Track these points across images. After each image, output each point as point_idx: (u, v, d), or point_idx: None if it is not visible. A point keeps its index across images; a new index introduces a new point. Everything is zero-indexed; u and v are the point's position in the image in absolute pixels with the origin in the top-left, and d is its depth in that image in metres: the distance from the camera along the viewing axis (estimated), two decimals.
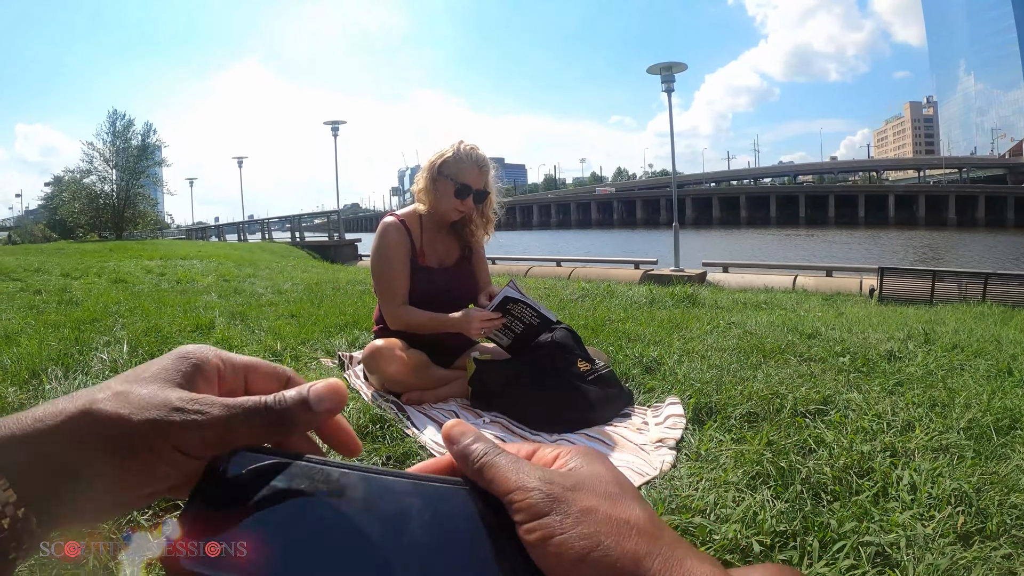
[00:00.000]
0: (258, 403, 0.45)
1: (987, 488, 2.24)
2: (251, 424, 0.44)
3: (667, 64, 20.90)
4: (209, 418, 0.43)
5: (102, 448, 0.42)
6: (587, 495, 0.43)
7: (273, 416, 0.45)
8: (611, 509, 0.42)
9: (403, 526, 0.42)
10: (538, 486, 0.43)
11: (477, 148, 3.25)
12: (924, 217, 72.42)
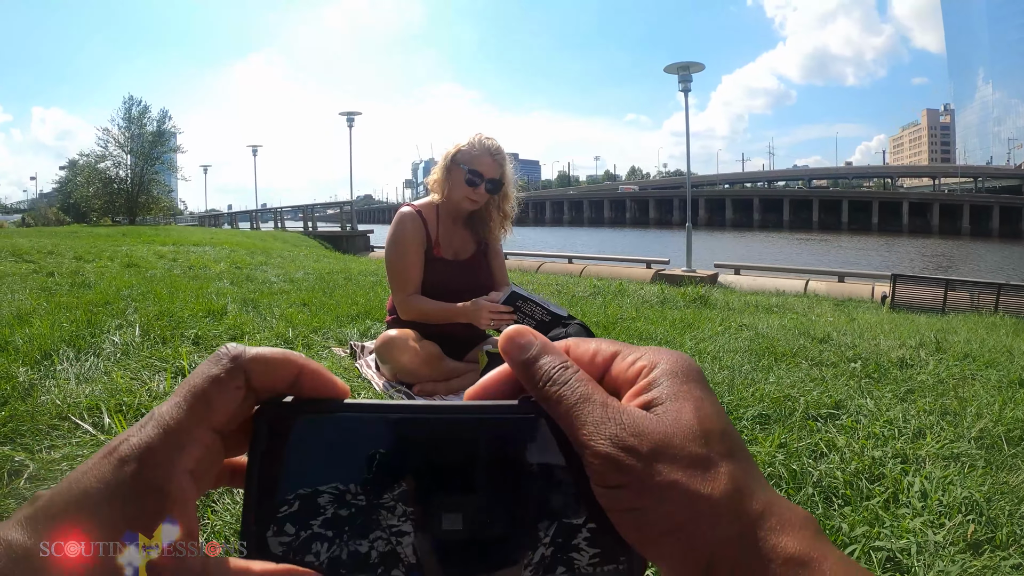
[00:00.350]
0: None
1: (997, 498, 2.23)
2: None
3: (684, 64, 20.87)
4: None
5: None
6: (667, 465, 0.36)
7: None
8: (693, 482, 0.36)
9: (475, 468, 0.40)
10: (609, 451, 0.37)
11: (495, 140, 3.25)
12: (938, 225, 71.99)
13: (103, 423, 2.40)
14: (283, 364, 0.40)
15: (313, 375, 0.41)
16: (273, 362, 0.40)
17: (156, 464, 0.36)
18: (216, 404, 0.38)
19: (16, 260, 8.82)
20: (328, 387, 0.42)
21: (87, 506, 0.35)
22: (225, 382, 0.39)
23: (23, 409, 2.48)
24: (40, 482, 1.98)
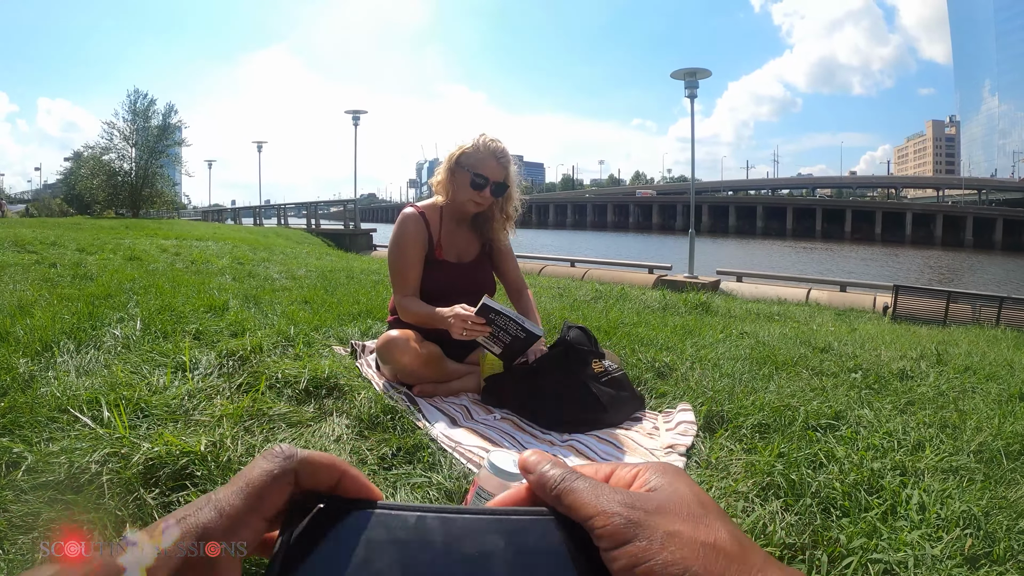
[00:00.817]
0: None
1: (996, 512, 2.22)
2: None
3: (691, 70, 20.83)
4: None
5: None
6: (670, 518, 0.42)
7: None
8: (695, 532, 0.41)
9: (487, 566, 0.42)
10: (619, 511, 0.42)
11: (499, 142, 3.24)
12: (941, 237, 71.83)
13: (102, 416, 2.39)
14: (328, 469, 0.46)
15: (353, 480, 0.47)
16: (320, 466, 0.46)
17: (214, 540, 0.41)
18: (268, 498, 0.44)
19: (19, 250, 8.83)
20: (364, 491, 0.47)
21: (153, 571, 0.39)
22: (279, 479, 0.44)
23: (22, 400, 2.48)
24: (38, 474, 1.98)
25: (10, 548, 1.65)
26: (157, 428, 2.38)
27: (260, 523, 0.43)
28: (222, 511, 0.42)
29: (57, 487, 1.93)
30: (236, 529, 0.42)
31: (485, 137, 3.25)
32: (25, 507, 1.82)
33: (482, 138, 3.24)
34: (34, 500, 1.85)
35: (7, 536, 1.70)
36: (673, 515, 0.42)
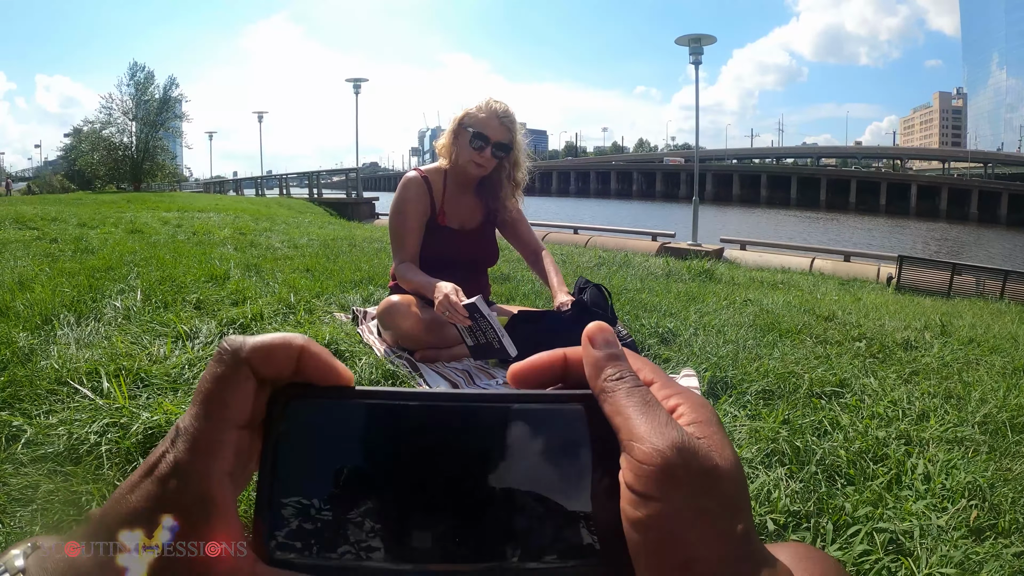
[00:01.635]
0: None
1: (1001, 484, 2.22)
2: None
3: (696, 36, 20.68)
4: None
5: None
6: (710, 493, 0.36)
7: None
8: (725, 519, 0.36)
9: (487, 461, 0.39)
10: (667, 455, 0.36)
11: (505, 105, 3.20)
12: (946, 210, 71.58)
13: (102, 388, 2.39)
14: (282, 348, 0.39)
15: (313, 358, 0.40)
16: (272, 348, 0.39)
17: (195, 477, 0.36)
18: (231, 403, 0.38)
19: (20, 227, 8.82)
20: (330, 372, 0.41)
21: (140, 524, 0.36)
22: (231, 379, 0.38)
23: (22, 374, 2.48)
24: (37, 447, 1.97)
25: (9, 522, 1.65)
26: (157, 398, 2.38)
27: (236, 435, 0.38)
28: (193, 439, 0.37)
29: (56, 459, 1.93)
30: (214, 452, 0.37)
31: (490, 99, 3.21)
32: (24, 480, 1.81)
33: (487, 100, 3.20)
34: (33, 473, 1.85)
35: (6, 509, 1.70)
36: (715, 489, 0.36)
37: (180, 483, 0.36)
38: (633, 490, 0.36)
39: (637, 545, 0.36)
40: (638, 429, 0.37)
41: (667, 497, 0.35)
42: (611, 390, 0.39)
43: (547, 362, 0.44)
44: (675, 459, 0.36)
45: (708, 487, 0.36)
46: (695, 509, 0.35)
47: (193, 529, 0.35)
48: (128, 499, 0.36)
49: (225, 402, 0.37)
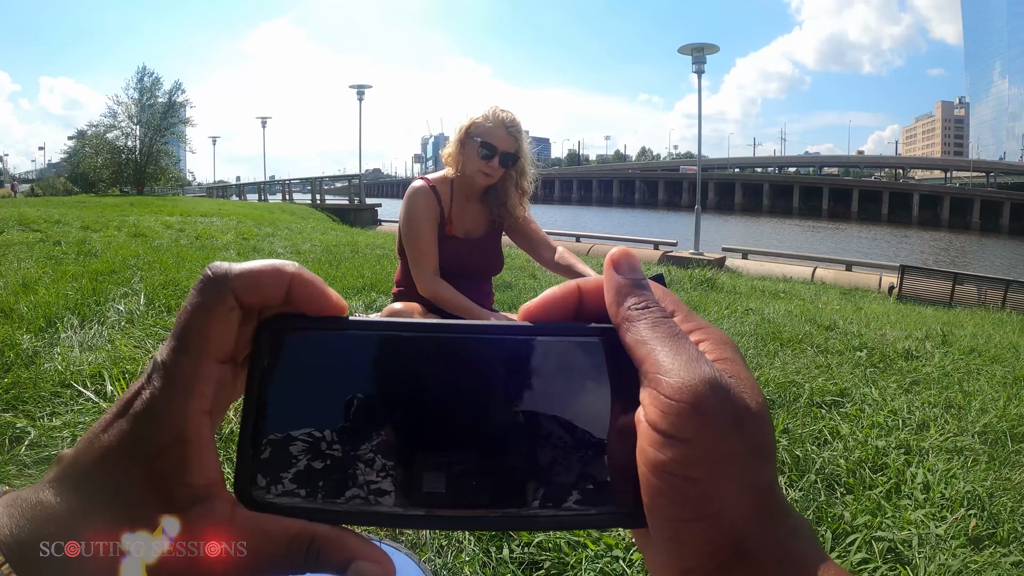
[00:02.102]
0: (277, 558, 0.35)
1: (1000, 493, 2.22)
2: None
3: (699, 45, 20.71)
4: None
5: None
6: (740, 437, 0.33)
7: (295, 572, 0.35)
8: (753, 468, 0.33)
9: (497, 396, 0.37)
10: (699, 391, 0.32)
11: (511, 113, 3.20)
12: (948, 219, 71.60)
13: (105, 390, 2.40)
14: (272, 275, 0.36)
15: (306, 286, 0.37)
16: (261, 275, 0.36)
17: (171, 416, 0.34)
18: (212, 336, 0.35)
19: (23, 229, 8.83)
20: (322, 300, 0.37)
21: (114, 465, 0.34)
22: (214, 309, 0.35)
23: (26, 376, 2.48)
24: (41, 448, 1.98)
25: None
26: None
27: (216, 369, 0.35)
28: (170, 375, 0.34)
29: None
30: (192, 388, 0.34)
31: (496, 108, 3.21)
32: (28, 481, 1.82)
33: (493, 109, 3.20)
34: (37, 474, 1.86)
35: None
36: (745, 433, 0.33)
37: (155, 424, 0.33)
38: (657, 429, 0.33)
39: (657, 492, 0.33)
40: (666, 362, 0.34)
41: (696, 438, 0.32)
42: (635, 319, 0.36)
43: (560, 296, 0.40)
44: (708, 395, 0.32)
45: (739, 430, 0.33)
46: (724, 454, 0.32)
47: (169, 471, 0.33)
48: (101, 438, 0.34)
49: (205, 334, 0.35)
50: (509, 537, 1.75)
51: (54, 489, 0.34)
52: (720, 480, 0.32)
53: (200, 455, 0.34)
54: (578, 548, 1.73)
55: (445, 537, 1.74)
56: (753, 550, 0.32)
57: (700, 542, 0.32)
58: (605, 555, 1.71)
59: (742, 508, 0.32)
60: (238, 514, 0.35)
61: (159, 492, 0.34)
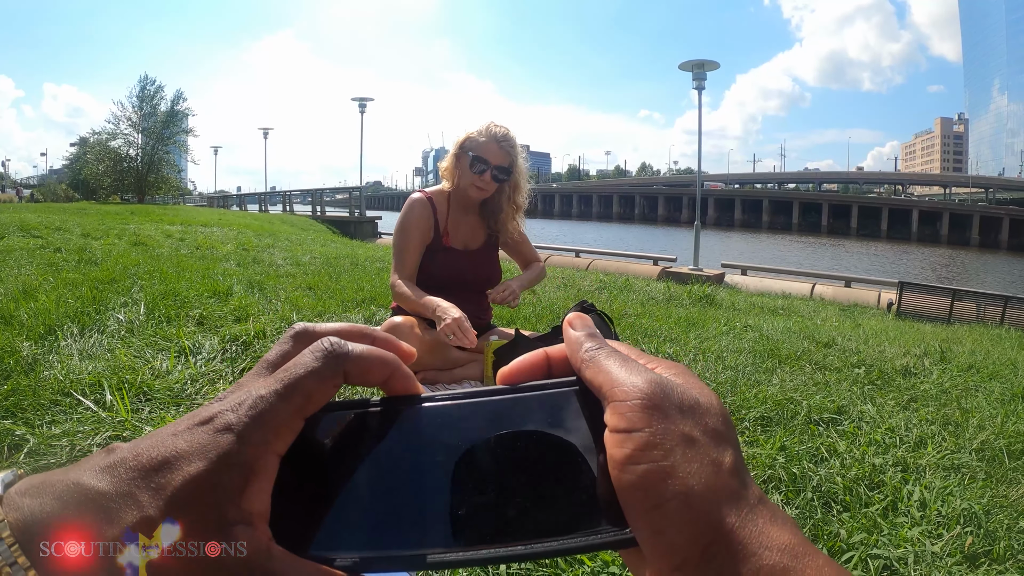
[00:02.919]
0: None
1: (996, 511, 2.23)
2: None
3: (699, 62, 20.77)
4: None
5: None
6: (694, 421, 0.37)
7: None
8: (713, 447, 0.37)
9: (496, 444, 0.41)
10: (644, 388, 0.37)
11: (507, 130, 3.22)
12: (947, 235, 71.72)
13: (105, 400, 2.40)
14: (379, 366, 0.41)
15: (404, 378, 0.42)
16: (371, 363, 0.41)
17: (253, 443, 0.36)
18: (314, 397, 0.39)
19: (24, 235, 8.84)
20: (412, 389, 0.43)
21: (177, 464, 0.36)
22: (327, 379, 0.39)
23: (25, 384, 2.49)
24: (39, 456, 1.99)
25: None
26: (159, 412, 2.39)
27: (300, 423, 0.39)
28: (264, 411, 0.37)
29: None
30: (279, 430, 0.37)
31: (491, 123, 3.24)
32: None
33: (487, 124, 3.23)
34: None
35: None
36: (697, 419, 0.37)
37: (235, 442, 0.36)
38: (617, 430, 0.37)
39: (629, 487, 0.36)
40: (618, 377, 0.38)
41: (651, 426, 0.36)
42: (591, 358, 0.41)
43: (531, 361, 0.45)
44: (655, 391, 0.37)
45: (691, 416, 0.37)
46: (680, 436, 0.36)
47: (228, 489, 0.36)
48: (171, 441, 0.36)
49: (309, 394, 0.38)
50: None
51: (99, 475, 0.35)
52: (683, 460, 0.35)
53: (260, 487, 0.37)
54: (575, 564, 1.73)
55: None
56: (733, 532, 0.34)
57: (680, 524, 0.34)
58: (602, 572, 1.72)
59: (711, 486, 0.35)
60: (273, 549, 0.37)
61: (212, 504, 0.35)
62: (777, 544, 0.34)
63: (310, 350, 0.40)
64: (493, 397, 0.43)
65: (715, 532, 0.34)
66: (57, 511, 0.34)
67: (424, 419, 0.42)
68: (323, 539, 0.39)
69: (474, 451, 0.41)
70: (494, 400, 0.42)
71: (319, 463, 0.41)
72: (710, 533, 0.34)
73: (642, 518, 0.35)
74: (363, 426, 0.42)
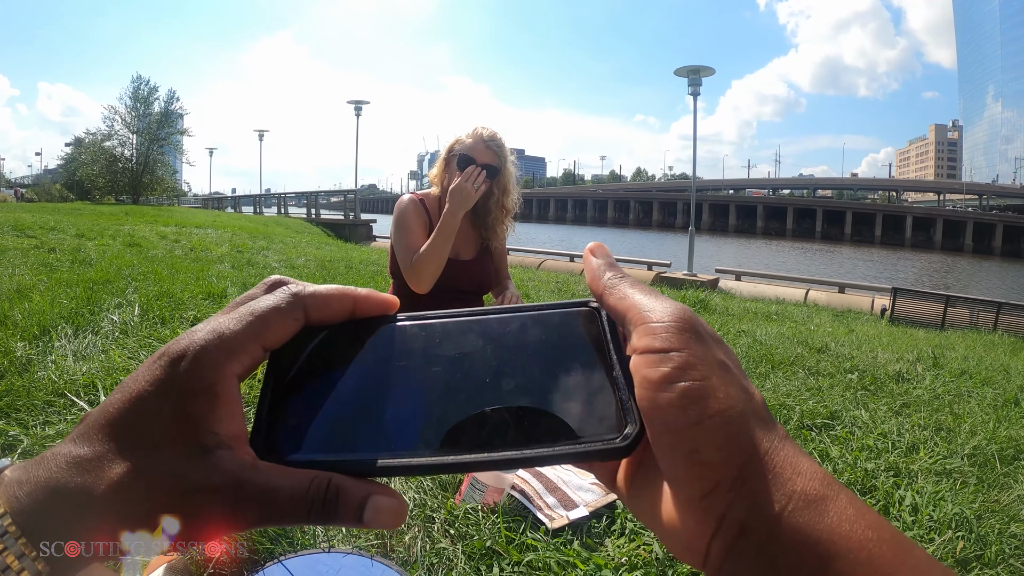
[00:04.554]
0: (297, 500, 0.36)
1: (988, 515, 2.24)
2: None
3: (695, 67, 20.80)
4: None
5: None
6: (723, 351, 0.38)
7: (314, 513, 0.37)
8: (741, 377, 0.37)
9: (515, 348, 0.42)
10: (679, 314, 0.38)
11: (492, 131, 3.21)
12: (941, 241, 71.97)
13: (99, 401, 2.40)
14: (339, 299, 0.42)
15: (366, 301, 0.43)
16: (330, 298, 0.42)
17: (209, 365, 0.37)
18: (274, 328, 0.39)
19: (18, 235, 8.82)
20: (380, 306, 0.44)
21: (142, 408, 0.36)
22: (286, 312, 0.40)
23: (19, 384, 2.48)
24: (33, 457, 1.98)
25: None
26: None
27: (259, 352, 0.39)
28: (221, 334, 0.38)
29: None
30: (235, 353, 0.37)
31: (478, 127, 3.23)
32: None
33: (475, 128, 3.23)
34: None
35: None
36: (725, 350, 0.38)
37: (191, 368, 0.36)
38: (653, 350, 0.37)
39: (666, 405, 0.35)
40: (647, 303, 0.39)
41: (689, 347, 0.36)
42: (614, 285, 0.42)
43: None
44: (690, 317, 0.38)
45: (720, 346, 0.38)
46: (716, 360, 0.36)
47: (195, 418, 0.36)
48: (131, 386, 0.37)
49: (268, 323, 0.39)
50: (499, 556, 1.75)
51: (78, 442, 0.36)
52: (720, 381, 0.35)
53: (228, 409, 0.37)
54: (567, 568, 1.73)
55: (436, 555, 1.75)
56: (768, 456, 0.34)
57: (719, 443, 0.34)
58: (595, 574, 1.72)
59: (747, 409, 0.35)
60: (259, 463, 0.37)
61: (187, 433, 0.36)
62: (809, 472, 0.34)
63: (267, 287, 0.42)
64: (492, 315, 0.44)
65: (750, 453, 0.34)
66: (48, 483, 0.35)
67: (413, 333, 0.43)
68: (309, 446, 0.39)
69: (465, 360, 0.41)
70: (493, 317, 0.44)
71: (304, 377, 0.41)
72: (746, 454, 0.34)
73: (679, 437, 0.35)
74: (348, 340, 0.42)
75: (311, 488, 0.37)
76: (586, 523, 1.97)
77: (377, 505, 0.37)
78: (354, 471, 0.38)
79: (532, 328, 0.43)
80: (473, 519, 1.90)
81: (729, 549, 0.34)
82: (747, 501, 0.33)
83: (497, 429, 0.39)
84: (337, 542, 1.73)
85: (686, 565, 1.75)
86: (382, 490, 0.38)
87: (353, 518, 0.37)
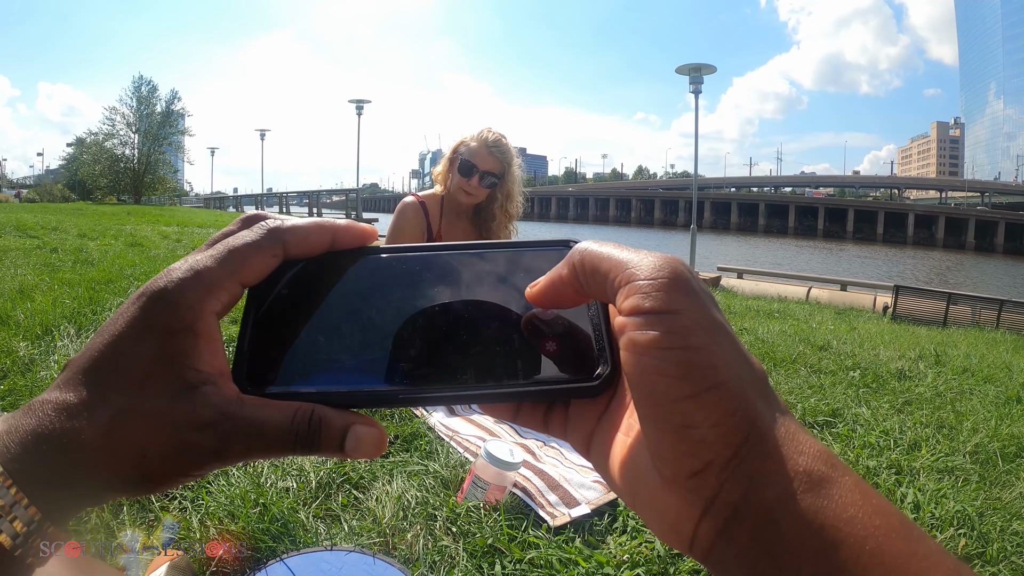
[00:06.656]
0: (283, 431, 0.37)
1: (990, 513, 2.23)
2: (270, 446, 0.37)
3: (696, 65, 20.81)
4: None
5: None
6: (718, 311, 0.34)
7: (299, 444, 0.37)
8: (737, 340, 0.34)
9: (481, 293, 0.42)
10: (669, 268, 0.34)
11: (502, 137, 3.20)
12: (943, 239, 71.91)
13: None
14: (318, 233, 0.41)
15: (345, 232, 0.42)
16: (309, 232, 0.41)
17: (187, 304, 0.36)
18: (251, 264, 0.39)
19: (20, 235, 8.83)
20: (359, 237, 0.42)
21: (123, 350, 0.36)
22: (264, 249, 0.39)
23: (22, 384, 2.49)
24: None
25: None
26: None
27: (237, 288, 0.38)
28: (198, 272, 0.37)
29: None
30: (213, 290, 0.37)
31: (485, 130, 3.22)
32: None
33: (483, 130, 3.22)
34: None
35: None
36: (718, 309, 0.34)
37: (169, 307, 0.36)
38: (642, 311, 0.33)
39: (658, 374, 0.32)
40: (634, 259, 0.35)
41: (684, 307, 0.33)
42: (585, 247, 0.38)
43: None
44: (680, 269, 0.34)
45: (716, 306, 0.34)
46: (713, 322, 0.33)
47: (177, 356, 0.36)
48: (110, 328, 0.37)
49: (246, 261, 0.38)
50: (501, 554, 1.75)
51: (64, 388, 0.36)
52: (719, 348, 0.32)
53: (209, 347, 0.37)
54: (569, 565, 1.74)
55: (438, 553, 1.75)
56: (768, 433, 0.32)
57: (716, 419, 0.31)
58: (596, 572, 1.72)
59: (748, 380, 0.33)
60: (244, 397, 0.37)
61: (170, 371, 0.36)
62: (811, 450, 0.31)
63: (243, 223, 0.41)
64: (471, 251, 0.43)
65: (749, 431, 0.31)
66: (33, 429, 0.35)
67: (391, 265, 0.42)
68: (290, 378, 0.39)
69: (443, 294, 0.41)
70: (473, 252, 0.43)
71: (283, 311, 0.41)
72: (744, 432, 0.31)
73: (668, 410, 0.32)
74: (327, 273, 0.42)
75: (295, 418, 0.37)
76: (588, 521, 1.97)
77: (358, 434, 0.38)
78: (334, 402, 0.38)
79: (511, 264, 0.42)
80: (475, 517, 1.90)
81: (719, 533, 0.31)
82: (743, 483, 0.31)
83: (471, 364, 0.39)
84: (339, 540, 1.73)
85: (688, 563, 1.75)
86: (363, 420, 0.38)
87: (335, 447, 0.38)
